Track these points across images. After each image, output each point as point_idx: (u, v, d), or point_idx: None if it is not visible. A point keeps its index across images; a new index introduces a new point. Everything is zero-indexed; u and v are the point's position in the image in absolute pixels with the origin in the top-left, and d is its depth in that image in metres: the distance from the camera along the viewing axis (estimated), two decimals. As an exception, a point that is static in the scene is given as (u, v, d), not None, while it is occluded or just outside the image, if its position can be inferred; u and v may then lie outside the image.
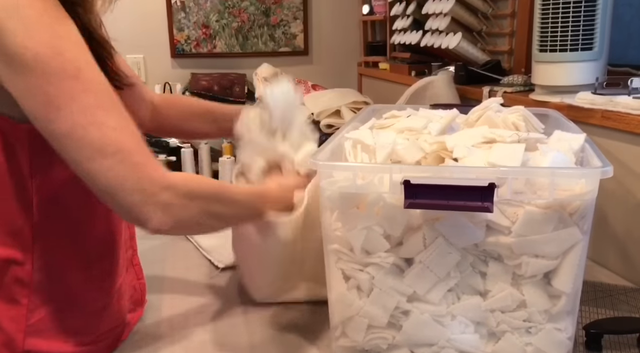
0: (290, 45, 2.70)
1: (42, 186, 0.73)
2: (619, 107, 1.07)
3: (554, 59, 1.22)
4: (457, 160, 0.74)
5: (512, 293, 0.69)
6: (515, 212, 0.67)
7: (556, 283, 0.68)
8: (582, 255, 0.68)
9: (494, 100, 0.90)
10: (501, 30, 1.75)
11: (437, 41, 1.82)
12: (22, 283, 0.74)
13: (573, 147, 0.77)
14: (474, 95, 1.54)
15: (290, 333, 0.88)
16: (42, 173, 0.73)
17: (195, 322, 0.91)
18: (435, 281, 0.70)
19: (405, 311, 0.72)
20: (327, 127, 1.78)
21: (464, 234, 0.68)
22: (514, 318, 0.70)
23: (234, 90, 2.32)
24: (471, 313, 0.71)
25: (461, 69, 1.67)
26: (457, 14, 1.76)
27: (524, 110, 0.86)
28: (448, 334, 0.71)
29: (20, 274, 0.74)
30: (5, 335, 0.74)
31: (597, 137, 1.11)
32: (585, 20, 1.17)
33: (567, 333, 0.70)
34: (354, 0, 2.72)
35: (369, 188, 0.70)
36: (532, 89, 1.40)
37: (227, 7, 2.59)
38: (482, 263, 0.70)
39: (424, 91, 1.65)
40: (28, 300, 0.74)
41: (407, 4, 2.09)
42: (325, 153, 0.77)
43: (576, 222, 0.67)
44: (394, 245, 0.71)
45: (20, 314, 0.74)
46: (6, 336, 0.74)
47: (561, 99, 1.21)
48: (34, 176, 0.73)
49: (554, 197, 0.65)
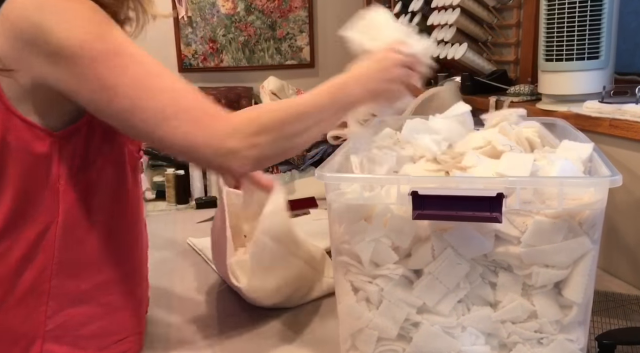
0: (297, 58, 2.72)
1: (68, 193, 0.75)
2: (626, 115, 1.06)
3: (560, 68, 1.22)
4: (466, 169, 0.74)
5: (523, 303, 0.68)
6: (524, 221, 0.66)
7: (567, 293, 0.68)
8: (593, 264, 0.67)
9: (515, 110, 0.90)
10: (507, 40, 1.75)
11: (443, 52, 1.82)
12: (41, 289, 0.75)
13: (581, 156, 0.76)
14: (481, 105, 1.54)
15: (300, 346, 0.87)
16: (69, 180, 0.74)
17: (204, 334, 0.91)
18: (444, 292, 0.69)
19: (415, 323, 0.71)
20: (334, 139, 1.78)
21: (472, 245, 0.68)
22: (525, 329, 0.69)
23: (241, 103, 2.34)
24: (482, 324, 0.70)
25: (467, 79, 1.67)
26: (462, 25, 1.77)
27: (540, 126, 0.86)
28: (459, 346, 0.71)
29: (40, 280, 0.75)
30: (24, 341, 0.74)
31: (605, 145, 1.10)
32: (590, 29, 1.17)
33: (579, 344, 0.70)
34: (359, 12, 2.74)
35: (376, 200, 0.70)
36: (538, 98, 1.40)
37: (234, 22, 2.61)
38: (492, 273, 0.69)
39: (430, 102, 1.65)
40: (47, 306, 0.75)
41: (412, 16, 2.10)
42: (332, 165, 0.77)
43: (586, 231, 0.66)
44: (402, 256, 0.71)
45: (39, 320, 0.75)
46: (25, 342, 0.74)
47: (568, 108, 1.21)
48: (62, 183, 0.74)
49: (563, 206, 0.65)
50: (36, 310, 0.75)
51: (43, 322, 0.75)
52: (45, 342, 0.75)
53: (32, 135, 0.71)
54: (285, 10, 2.66)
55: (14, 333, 0.74)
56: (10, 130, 0.70)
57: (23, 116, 0.70)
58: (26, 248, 0.74)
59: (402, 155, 0.85)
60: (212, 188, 1.68)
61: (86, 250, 0.77)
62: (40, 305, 0.75)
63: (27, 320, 0.75)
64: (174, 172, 1.64)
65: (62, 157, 0.73)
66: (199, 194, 1.65)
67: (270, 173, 1.78)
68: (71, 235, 0.76)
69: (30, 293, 0.74)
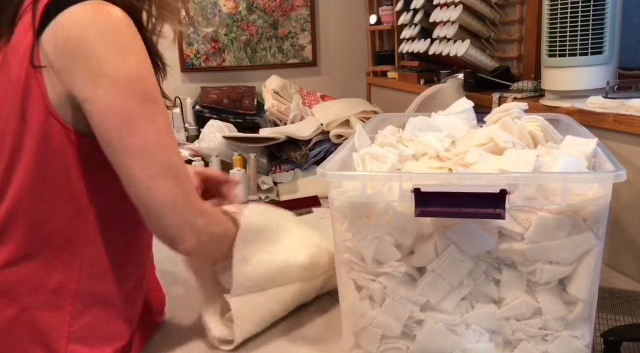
0: (299, 56, 2.71)
1: (98, 197, 0.76)
2: (631, 110, 1.06)
3: (563, 64, 1.22)
4: (469, 166, 0.74)
5: (527, 300, 0.68)
6: (527, 218, 0.66)
7: (572, 289, 0.67)
8: (598, 260, 0.67)
9: (516, 104, 0.89)
10: (509, 37, 1.74)
11: (446, 49, 1.82)
12: (68, 290, 0.76)
13: (585, 152, 0.76)
14: (484, 102, 1.53)
15: (303, 344, 0.87)
16: (100, 186, 0.76)
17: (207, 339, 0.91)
18: (448, 290, 0.69)
19: (418, 320, 0.71)
20: (336, 137, 1.78)
21: (476, 241, 0.67)
22: (529, 326, 0.68)
23: (243, 102, 2.34)
24: (486, 321, 0.70)
25: (470, 76, 1.66)
26: (464, 22, 1.76)
27: (543, 120, 0.85)
28: (463, 343, 0.70)
29: (67, 281, 0.76)
30: (48, 342, 0.75)
31: (609, 141, 1.09)
32: (594, 24, 1.16)
33: (585, 340, 0.69)
34: (361, 11, 2.74)
35: (378, 198, 0.69)
36: (542, 95, 1.39)
37: (236, 21, 2.61)
38: (496, 270, 0.69)
39: (433, 99, 1.64)
40: (72, 307, 0.76)
41: (415, 13, 2.09)
42: (334, 163, 0.77)
43: (590, 227, 0.66)
44: (405, 254, 0.70)
45: (64, 321, 0.76)
46: (49, 342, 0.75)
47: (572, 104, 1.20)
48: (93, 188, 0.75)
49: (567, 202, 0.64)
50: (62, 311, 0.76)
51: (68, 323, 0.76)
52: (69, 343, 0.76)
53: (69, 140, 0.73)
54: (287, 9, 2.65)
55: (39, 332, 0.75)
56: (51, 133, 0.72)
57: (61, 119, 0.72)
58: (58, 251, 0.75)
59: (405, 152, 0.85)
60: (215, 188, 1.68)
61: (111, 253, 0.79)
62: (66, 306, 0.76)
63: (53, 320, 0.75)
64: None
65: (93, 162, 0.75)
66: (202, 194, 1.66)
67: (274, 172, 1.78)
68: (100, 238, 0.77)
69: (58, 293, 0.75)
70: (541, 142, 0.84)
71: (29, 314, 0.74)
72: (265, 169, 1.79)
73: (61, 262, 0.75)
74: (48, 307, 0.75)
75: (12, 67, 0.72)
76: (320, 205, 1.57)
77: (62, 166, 0.73)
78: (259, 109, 2.33)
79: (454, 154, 0.81)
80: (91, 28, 0.69)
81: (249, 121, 2.29)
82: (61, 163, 0.73)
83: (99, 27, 0.69)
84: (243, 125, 2.22)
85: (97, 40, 0.69)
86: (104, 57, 0.69)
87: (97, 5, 0.70)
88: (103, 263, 0.78)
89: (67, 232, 0.75)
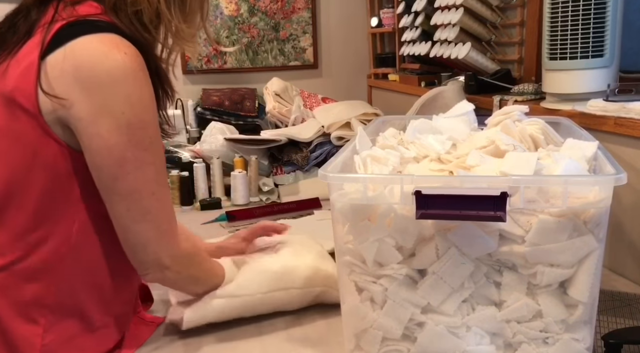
0: (300, 59, 2.72)
1: (83, 212, 0.77)
2: (631, 113, 1.06)
3: (564, 67, 1.22)
4: (470, 169, 0.74)
5: (528, 303, 0.68)
6: (528, 220, 0.66)
7: (572, 292, 0.67)
8: (598, 263, 0.67)
9: (517, 107, 0.89)
10: (510, 39, 1.75)
11: (447, 51, 1.82)
12: (43, 303, 0.76)
13: (586, 155, 0.76)
14: (485, 105, 1.54)
15: (304, 345, 0.87)
16: (87, 200, 0.77)
17: (208, 332, 0.91)
18: (449, 292, 0.69)
19: (419, 323, 0.71)
20: (337, 139, 1.78)
21: (477, 244, 0.67)
22: (530, 328, 0.69)
23: (244, 104, 2.34)
24: (486, 324, 0.70)
25: (471, 79, 1.67)
26: (465, 24, 1.76)
27: (544, 123, 0.85)
28: (464, 346, 0.70)
29: (43, 294, 0.76)
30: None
31: (610, 144, 1.10)
32: (595, 27, 1.16)
33: (585, 343, 0.69)
34: (362, 13, 2.74)
35: (379, 200, 0.69)
36: (542, 97, 1.40)
37: (237, 23, 2.62)
38: (497, 273, 0.69)
39: (434, 101, 1.65)
40: (46, 319, 0.76)
41: (416, 16, 2.09)
42: (335, 165, 0.77)
43: (591, 230, 0.66)
44: (406, 256, 0.71)
45: (37, 333, 0.75)
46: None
47: (573, 107, 1.20)
48: (80, 202, 0.76)
49: (568, 205, 0.64)
50: (36, 323, 0.75)
51: (41, 335, 0.75)
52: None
53: (62, 154, 0.73)
54: (289, 11, 2.66)
55: (12, 345, 0.75)
56: (42, 148, 0.72)
57: (55, 136, 0.73)
58: (38, 262, 0.75)
59: (406, 155, 0.85)
60: (215, 190, 1.68)
61: (91, 268, 0.79)
62: (40, 318, 0.75)
63: (26, 333, 0.75)
64: (178, 174, 1.64)
65: (84, 177, 0.75)
66: (203, 195, 1.65)
67: (275, 174, 1.78)
68: (81, 253, 0.77)
69: (33, 305, 0.75)
70: (542, 144, 0.84)
71: (2, 325, 0.74)
72: (267, 170, 1.79)
73: (36, 275, 0.75)
74: (21, 318, 0.75)
75: (10, 78, 0.73)
76: (321, 207, 1.57)
77: (49, 179, 0.74)
78: (260, 111, 2.33)
79: (455, 157, 0.81)
80: (104, 64, 0.70)
81: (250, 123, 2.30)
82: (48, 176, 0.73)
83: (112, 66, 0.70)
84: (244, 127, 2.22)
85: (108, 78, 0.69)
86: (111, 97, 0.70)
87: (113, 41, 0.71)
88: (79, 279, 0.78)
89: (44, 245, 0.75)
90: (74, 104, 0.70)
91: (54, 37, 0.71)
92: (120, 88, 0.70)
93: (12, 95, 0.72)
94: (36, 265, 0.75)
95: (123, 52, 0.71)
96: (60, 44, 0.71)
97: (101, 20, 0.74)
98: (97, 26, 0.72)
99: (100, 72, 0.69)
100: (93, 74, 0.69)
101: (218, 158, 1.69)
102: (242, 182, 1.64)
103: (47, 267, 0.75)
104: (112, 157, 0.72)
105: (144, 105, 0.73)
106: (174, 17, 0.79)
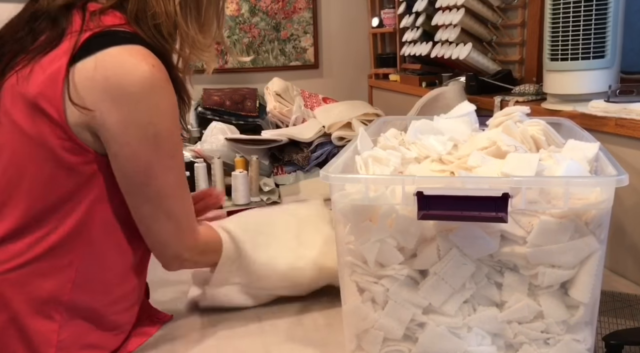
0: (301, 59, 2.72)
1: (99, 212, 0.78)
2: (632, 114, 1.06)
3: (565, 68, 1.22)
4: (471, 170, 0.74)
5: (529, 304, 0.68)
6: (530, 221, 0.66)
7: (574, 293, 0.67)
8: (600, 264, 0.67)
9: (519, 108, 0.89)
10: (511, 40, 1.75)
11: (448, 52, 1.82)
12: (59, 300, 0.77)
13: (587, 156, 0.76)
14: (486, 105, 1.54)
15: (305, 346, 0.87)
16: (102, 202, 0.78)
17: (210, 332, 0.91)
18: (450, 292, 0.69)
19: (420, 323, 0.71)
20: (338, 140, 1.78)
21: (478, 245, 0.67)
22: (531, 329, 0.69)
23: (245, 104, 2.34)
24: (488, 324, 0.70)
25: (472, 79, 1.67)
26: (466, 25, 1.76)
27: (545, 124, 0.85)
28: (465, 346, 0.70)
29: (59, 292, 0.77)
30: (37, 350, 0.75)
31: (611, 145, 1.10)
32: (596, 28, 1.17)
33: (587, 344, 0.69)
34: (363, 13, 2.74)
35: (381, 201, 0.69)
36: (544, 98, 1.40)
37: (238, 23, 2.62)
38: (498, 273, 0.69)
39: (435, 102, 1.65)
40: (61, 316, 0.77)
41: (417, 16, 2.09)
42: (337, 166, 0.77)
43: (592, 231, 0.66)
44: (407, 257, 0.71)
45: (53, 330, 0.76)
46: (38, 350, 0.75)
47: (574, 108, 1.20)
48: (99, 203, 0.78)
49: (569, 206, 0.64)
50: (52, 319, 0.76)
51: (57, 331, 0.76)
52: (58, 351, 0.77)
53: (86, 159, 0.75)
54: (290, 11, 2.66)
55: (28, 340, 0.75)
56: (65, 153, 0.73)
57: (80, 142, 0.74)
58: (55, 261, 0.76)
59: (407, 155, 0.85)
60: (217, 189, 1.68)
61: (106, 267, 0.81)
62: (55, 315, 0.77)
63: (43, 329, 0.76)
64: (179, 174, 1.64)
65: (105, 179, 0.77)
66: (204, 195, 1.66)
67: (276, 174, 1.78)
68: (97, 252, 0.79)
69: (49, 302, 0.76)
70: (543, 145, 0.84)
71: (19, 321, 0.75)
72: (267, 170, 1.79)
73: (54, 272, 0.76)
74: (38, 315, 0.76)
75: (34, 83, 0.73)
76: (322, 208, 1.57)
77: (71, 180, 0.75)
78: (260, 111, 2.33)
79: (456, 157, 0.81)
80: (134, 75, 0.71)
81: (251, 123, 2.30)
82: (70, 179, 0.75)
83: (141, 77, 0.71)
84: (245, 127, 2.22)
85: (137, 89, 0.71)
86: (139, 107, 0.72)
87: (140, 52, 0.73)
88: (96, 277, 0.79)
89: (63, 243, 0.76)
90: (104, 114, 0.72)
91: (83, 45, 0.72)
92: (148, 99, 0.73)
93: (35, 100, 0.72)
94: (54, 264, 0.76)
95: (151, 64, 0.73)
96: (89, 53, 0.72)
97: (126, 31, 0.75)
98: (124, 37, 0.74)
99: (129, 84, 0.71)
100: (123, 85, 0.71)
101: (219, 158, 1.69)
102: (243, 182, 1.64)
103: (64, 266, 0.76)
104: (141, 165, 0.75)
105: (169, 115, 0.76)
106: (190, 28, 0.81)
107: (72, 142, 0.73)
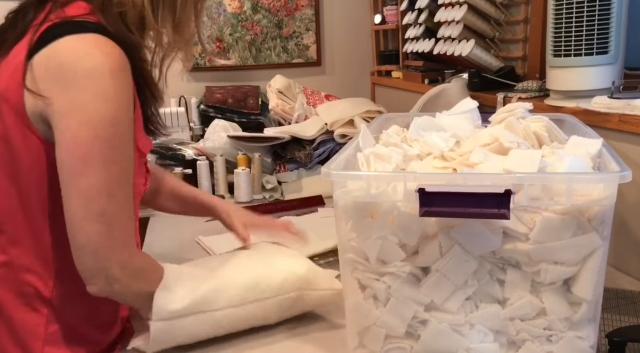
0: (303, 56, 2.71)
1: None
2: (636, 110, 1.05)
3: (568, 64, 1.21)
4: (473, 166, 0.74)
5: (532, 300, 0.68)
6: (532, 218, 0.66)
7: (576, 290, 0.67)
8: (603, 261, 0.66)
9: (521, 104, 0.89)
10: (514, 36, 1.74)
11: (450, 48, 1.82)
12: (43, 296, 0.78)
13: (590, 152, 0.76)
14: (488, 102, 1.53)
15: (307, 343, 0.87)
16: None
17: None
18: (452, 290, 0.69)
19: (422, 320, 0.71)
20: (340, 137, 1.78)
21: (480, 242, 0.67)
22: (534, 326, 0.68)
23: (247, 102, 2.34)
24: (490, 321, 0.70)
25: (475, 76, 1.66)
26: (469, 21, 1.76)
27: (548, 120, 0.85)
28: (467, 343, 0.70)
29: (41, 287, 0.78)
30: (25, 343, 0.76)
31: (615, 141, 1.09)
32: (599, 24, 1.16)
33: (589, 341, 0.69)
34: (365, 10, 2.73)
35: (382, 198, 0.69)
36: (547, 95, 1.39)
37: (240, 21, 2.61)
38: (500, 270, 0.69)
39: (438, 99, 1.64)
40: (48, 310, 0.78)
41: (419, 13, 2.09)
42: (339, 163, 0.77)
43: (595, 227, 0.65)
44: (409, 254, 0.71)
45: (40, 323, 0.77)
46: (26, 343, 0.76)
47: (577, 104, 1.20)
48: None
49: (572, 202, 0.64)
50: (38, 313, 0.77)
51: (44, 325, 0.77)
52: (45, 345, 0.77)
53: (44, 150, 0.75)
54: (292, 8, 2.66)
55: (16, 333, 0.77)
56: (27, 145, 0.74)
57: (38, 132, 0.74)
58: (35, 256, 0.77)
59: (409, 152, 0.85)
60: (219, 187, 1.68)
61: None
62: (42, 309, 0.77)
63: (30, 322, 0.77)
64: (181, 171, 1.64)
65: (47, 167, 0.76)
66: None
67: (278, 171, 1.78)
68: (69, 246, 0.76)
69: (34, 297, 0.77)
70: (546, 142, 0.84)
71: (5, 314, 0.76)
72: (270, 168, 1.79)
73: (35, 268, 0.77)
74: (24, 307, 0.77)
75: (2, 78, 0.75)
76: (324, 205, 1.57)
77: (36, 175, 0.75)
78: (263, 108, 2.33)
79: (458, 154, 0.81)
80: (84, 62, 0.70)
81: (254, 120, 2.30)
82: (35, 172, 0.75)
83: (92, 64, 0.70)
84: (247, 124, 2.22)
85: (86, 75, 0.70)
86: (85, 92, 0.70)
87: (97, 41, 0.72)
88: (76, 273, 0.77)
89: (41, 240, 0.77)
90: (52, 99, 0.71)
91: (41, 37, 0.72)
92: (95, 86, 0.71)
93: (4, 95, 0.74)
94: (35, 259, 0.77)
95: (104, 53, 0.71)
96: (45, 44, 0.72)
97: (88, 21, 0.75)
98: (82, 26, 0.73)
99: (78, 70, 0.70)
100: (72, 71, 0.70)
101: (221, 155, 1.69)
102: (246, 179, 1.64)
103: (45, 260, 0.77)
104: (78, 150, 0.71)
105: (118, 103, 0.72)
106: (159, 23, 0.80)
107: (32, 132, 0.73)
